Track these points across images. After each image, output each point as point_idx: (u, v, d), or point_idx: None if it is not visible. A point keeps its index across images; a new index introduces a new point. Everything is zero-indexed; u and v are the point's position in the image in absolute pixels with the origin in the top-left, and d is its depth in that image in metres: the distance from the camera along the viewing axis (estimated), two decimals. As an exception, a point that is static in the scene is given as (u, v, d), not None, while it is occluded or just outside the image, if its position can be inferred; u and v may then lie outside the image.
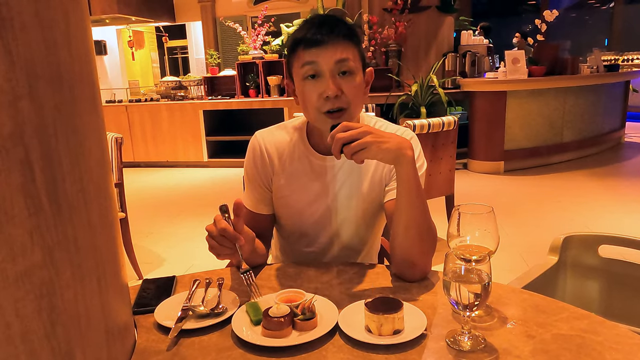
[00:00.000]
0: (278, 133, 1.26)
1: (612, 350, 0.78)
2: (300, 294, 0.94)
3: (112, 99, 6.92)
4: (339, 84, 1.08)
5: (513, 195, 4.47)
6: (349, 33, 1.09)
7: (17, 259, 0.55)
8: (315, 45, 1.07)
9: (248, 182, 1.26)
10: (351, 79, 1.09)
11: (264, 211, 1.26)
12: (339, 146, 0.96)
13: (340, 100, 1.09)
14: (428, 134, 3.06)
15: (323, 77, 1.08)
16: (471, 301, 0.79)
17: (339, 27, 1.08)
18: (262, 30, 6.08)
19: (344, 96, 1.09)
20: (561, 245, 1.47)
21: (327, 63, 1.07)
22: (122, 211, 2.78)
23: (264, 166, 1.23)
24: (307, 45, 1.08)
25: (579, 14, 12.36)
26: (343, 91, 1.08)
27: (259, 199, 1.25)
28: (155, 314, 0.93)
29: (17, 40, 0.55)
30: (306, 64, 1.08)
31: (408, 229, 1.05)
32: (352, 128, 0.96)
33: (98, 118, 0.74)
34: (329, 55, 1.07)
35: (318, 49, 1.07)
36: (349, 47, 1.09)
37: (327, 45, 1.07)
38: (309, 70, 1.09)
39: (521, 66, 5.10)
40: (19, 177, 0.55)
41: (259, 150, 1.23)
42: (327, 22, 1.09)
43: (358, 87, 1.11)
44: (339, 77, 1.08)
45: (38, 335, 0.58)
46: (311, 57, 1.08)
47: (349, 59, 1.08)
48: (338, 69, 1.08)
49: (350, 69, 1.09)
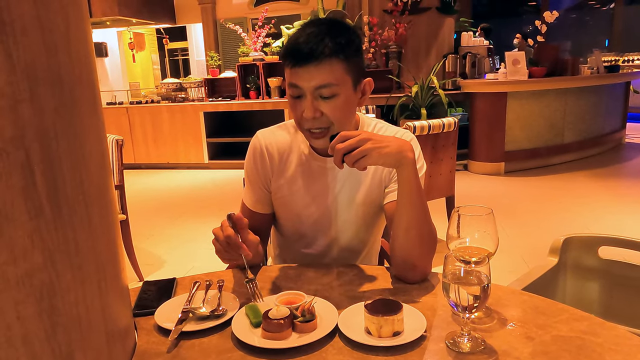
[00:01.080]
0: (279, 133, 1.26)
1: (611, 352, 0.78)
2: (300, 295, 0.94)
3: (112, 100, 6.93)
4: (319, 106, 1.08)
5: (514, 197, 4.47)
6: (336, 49, 1.04)
7: (17, 261, 0.56)
8: (297, 65, 1.05)
9: (248, 181, 1.27)
10: (332, 102, 1.08)
11: (262, 210, 1.26)
12: (340, 156, 0.96)
13: (320, 121, 1.09)
14: (428, 136, 3.06)
15: (305, 99, 1.08)
16: (470, 303, 0.79)
17: (325, 44, 1.03)
18: (263, 32, 6.08)
19: (325, 117, 1.09)
20: (561, 246, 1.47)
21: (307, 87, 1.06)
22: (123, 213, 2.78)
23: (263, 166, 1.24)
24: (291, 63, 1.07)
25: (579, 15, 12.36)
26: (323, 113, 1.08)
27: (257, 199, 1.26)
28: (155, 316, 0.94)
29: (18, 44, 0.55)
30: (290, 85, 1.09)
31: (408, 231, 1.05)
32: (350, 137, 0.96)
33: (98, 121, 0.74)
34: (309, 78, 1.05)
35: (300, 69, 1.05)
36: (335, 67, 1.05)
37: (310, 66, 1.04)
38: (293, 92, 1.09)
39: (521, 67, 5.10)
40: (20, 180, 0.56)
41: (260, 150, 1.24)
42: (315, 38, 1.04)
43: (341, 108, 1.09)
44: (320, 99, 1.08)
45: (39, 338, 0.58)
46: (294, 79, 1.07)
47: (329, 84, 1.05)
48: (318, 93, 1.07)
49: (332, 93, 1.07)
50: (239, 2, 7.91)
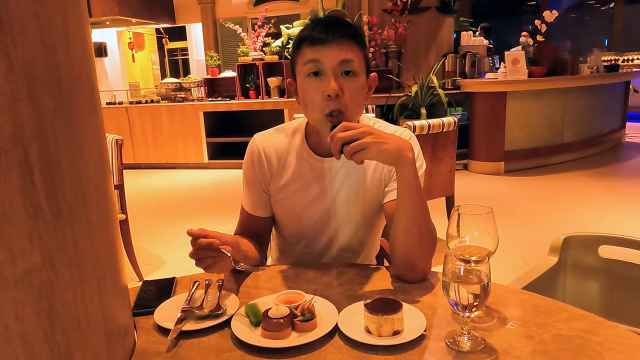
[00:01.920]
0: (277, 136, 1.26)
1: (611, 351, 0.78)
2: (299, 295, 0.94)
3: (112, 100, 6.93)
4: (341, 83, 1.07)
5: (513, 196, 4.47)
6: (355, 34, 1.09)
7: (16, 260, 0.55)
8: (320, 43, 1.07)
9: (246, 185, 1.26)
10: (354, 80, 1.09)
11: (261, 214, 1.26)
12: (339, 146, 0.96)
13: (339, 102, 1.07)
14: (428, 135, 3.06)
15: (325, 76, 1.07)
16: (470, 302, 0.79)
17: (346, 28, 1.08)
18: (262, 32, 6.08)
19: (343, 98, 1.08)
20: (561, 245, 1.47)
21: (330, 61, 1.07)
22: (123, 213, 2.78)
23: (261, 170, 1.23)
24: (312, 42, 1.07)
25: (578, 15, 12.36)
26: (344, 91, 1.07)
27: (256, 202, 1.25)
28: (155, 315, 0.93)
29: (16, 43, 0.55)
30: (310, 62, 1.08)
31: (408, 230, 1.05)
32: (352, 128, 0.96)
33: (97, 120, 0.74)
34: (334, 54, 1.06)
35: (323, 47, 1.07)
36: (354, 49, 1.09)
37: (333, 44, 1.06)
38: (312, 68, 1.08)
39: (521, 67, 5.10)
40: (18, 179, 0.56)
41: (257, 154, 1.24)
42: (334, 22, 1.08)
43: (359, 89, 1.10)
44: (341, 77, 1.08)
45: (37, 337, 0.58)
46: (315, 55, 1.07)
47: (353, 60, 1.08)
48: (342, 68, 1.07)
49: (354, 69, 1.08)
50: (238, 1, 7.91)
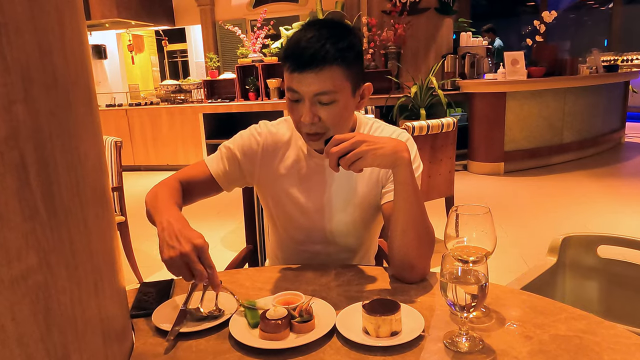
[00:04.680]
0: (281, 126, 1.27)
1: (610, 351, 0.78)
2: (297, 296, 0.94)
3: (112, 102, 6.93)
4: (317, 111, 1.08)
5: (513, 196, 4.47)
6: (337, 56, 1.04)
7: (12, 262, 0.55)
8: (297, 70, 1.05)
9: (229, 153, 1.24)
10: (330, 108, 1.08)
11: (220, 183, 1.24)
12: (335, 160, 0.96)
13: (317, 126, 1.09)
14: (427, 136, 3.06)
15: (303, 103, 1.08)
16: (468, 302, 0.79)
17: (327, 51, 1.03)
18: (262, 34, 6.08)
19: (322, 123, 1.09)
20: (560, 245, 1.47)
21: (306, 92, 1.06)
22: (122, 215, 2.78)
23: (253, 153, 1.23)
24: (291, 67, 1.06)
25: (577, 15, 12.36)
26: (321, 118, 1.08)
27: (226, 173, 1.24)
28: (153, 317, 0.93)
29: (12, 44, 0.55)
30: (289, 89, 1.09)
31: (406, 231, 1.04)
32: (344, 140, 0.96)
33: (94, 122, 0.74)
34: (309, 85, 1.05)
35: (300, 75, 1.05)
36: (335, 73, 1.05)
37: (309, 74, 1.04)
38: (292, 96, 1.09)
39: (520, 67, 5.11)
40: (14, 181, 0.56)
41: (255, 138, 1.24)
42: (316, 44, 1.03)
43: (338, 114, 1.09)
44: (318, 105, 1.08)
45: (34, 339, 0.58)
46: (292, 84, 1.07)
47: (328, 91, 1.05)
48: (317, 99, 1.07)
49: (330, 99, 1.07)
50: (237, 3, 7.92)
